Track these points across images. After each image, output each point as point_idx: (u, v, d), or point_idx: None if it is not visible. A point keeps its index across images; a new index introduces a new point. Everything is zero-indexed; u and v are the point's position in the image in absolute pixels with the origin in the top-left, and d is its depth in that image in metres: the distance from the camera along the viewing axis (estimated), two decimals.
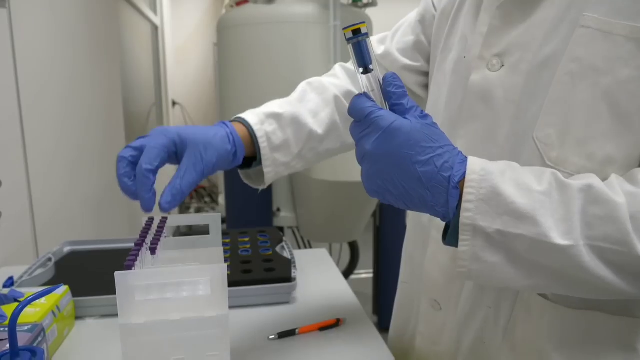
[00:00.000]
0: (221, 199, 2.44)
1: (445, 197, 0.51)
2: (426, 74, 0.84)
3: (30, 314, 0.71)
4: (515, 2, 0.61)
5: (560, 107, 0.57)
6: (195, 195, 4.70)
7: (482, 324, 0.67)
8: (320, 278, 1.04)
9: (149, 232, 0.63)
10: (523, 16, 0.60)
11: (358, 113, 0.53)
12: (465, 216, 0.51)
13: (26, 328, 0.66)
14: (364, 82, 0.55)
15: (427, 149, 0.51)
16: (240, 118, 0.76)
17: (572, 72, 0.56)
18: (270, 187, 2.14)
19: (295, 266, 0.99)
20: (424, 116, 0.53)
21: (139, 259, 0.55)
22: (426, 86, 0.84)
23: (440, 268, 0.71)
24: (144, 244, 0.58)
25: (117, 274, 0.48)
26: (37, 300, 0.76)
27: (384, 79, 0.55)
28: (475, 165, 0.52)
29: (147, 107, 3.79)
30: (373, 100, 0.54)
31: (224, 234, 1.17)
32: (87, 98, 1.84)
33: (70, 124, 1.64)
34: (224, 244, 1.10)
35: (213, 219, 0.72)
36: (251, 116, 0.76)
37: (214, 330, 0.52)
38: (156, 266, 0.58)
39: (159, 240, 0.60)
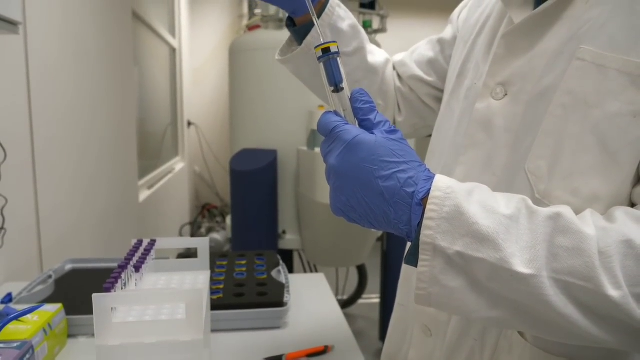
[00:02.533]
0: (229, 220, 2.46)
1: (408, 214, 0.50)
2: (437, 89, 0.87)
3: (21, 331, 0.73)
4: (520, 32, 0.61)
5: (552, 139, 0.56)
6: (208, 215, 4.74)
7: (468, 355, 0.66)
8: (315, 303, 1.04)
9: (136, 254, 0.65)
10: (528, 46, 0.60)
11: (324, 128, 0.53)
12: (425, 234, 0.48)
13: (15, 345, 0.67)
14: (336, 101, 0.55)
15: (390, 164, 0.50)
16: None
17: (565, 104, 0.55)
18: (276, 209, 2.16)
19: (288, 291, 0.99)
20: (392, 131, 0.52)
21: (120, 281, 0.56)
22: (437, 99, 0.87)
23: None
24: (128, 266, 0.59)
25: (94, 295, 0.50)
26: (30, 318, 0.78)
27: (351, 95, 0.54)
28: (441, 183, 0.50)
29: (163, 127, 3.87)
30: (341, 117, 0.54)
31: (222, 256, 1.18)
32: (101, 118, 1.88)
33: (82, 142, 1.68)
34: (221, 267, 1.11)
35: (201, 243, 0.73)
36: None
37: (188, 354, 0.52)
38: (138, 289, 0.59)
39: (143, 262, 0.61)
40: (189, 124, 4.60)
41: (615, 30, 0.54)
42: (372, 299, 3.40)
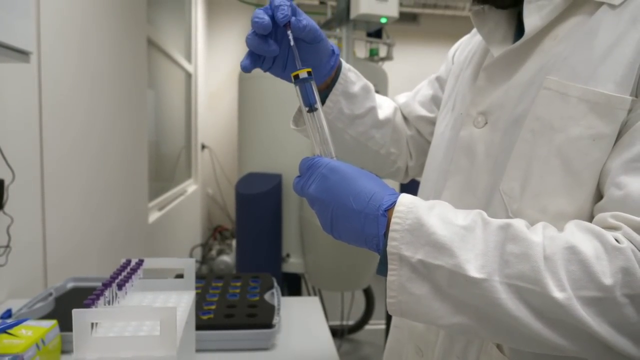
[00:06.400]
0: (234, 243, 2.49)
1: (376, 226, 0.55)
2: None
3: (14, 345, 0.76)
4: (498, 65, 0.67)
5: (523, 162, 0.61)
6: (219, 237, 4.78)
7: None
8: (305, 326, 1.06)
9: (122, 273, 0.68)
10: (505, 78, 0.66)
11: (302, 167, 0.62)
12: (391, 245, 0.54)
13: (6, 358, 0.70)
14: (311, 121, 0.64)
15: (359, 184, 0.57)
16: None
17: (533, 129, 0.60)
18: (280, 233, 2.18)
19: (278, 313, 1.01)
20: None
21: (103, 298, 0.59)
22: None
23: None
24: (112, 284, 0.62)
25: (74, 311, 0.53)
26: (24, 333, 0.81)
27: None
28: (405, 199, 0.56)
29: (178, 150, 3.95)
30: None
31: (219, 277, 1.21)
32: (112, 140, 1.94)
33: (92, 163, 1.74)
34: (216, 288, 1.13)
35: (187, 263, 0.76)
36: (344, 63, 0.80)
37: None
38: (120, 306, 0.62)
39: (127, 281, 0.64)
40: (203, 147, 4.68)
41: (577, 63, 0.59)
42: (379, 324, 3.37)
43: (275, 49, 0.65)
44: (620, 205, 0.53)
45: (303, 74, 0.64)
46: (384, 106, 0.88)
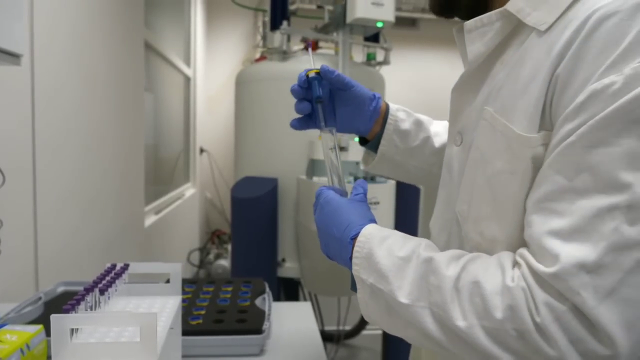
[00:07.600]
0: (230, 247, 2.48)
1: (347, 251, 0.66)
2: None
3: None
4: (463, 87, 0.70)
5: (469, 186, 0.64)
6: (217, 241, 4.76)
7: None
8: (297, 332, 1.05)
9: (106, 277, 0.67)
10: (471, 99, 0.68)
11: (315, 195, 0.75)
12: (354, 269, 0.64)
13: None
14: (320, 114, 0.79)
15: (342, 215, 0.69)
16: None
17: (474, 158, 0.63)
18: (275, 237, 2.17)
19: (269, 318, 1.00)
20: (357, 195, 0.73)
21: (84, 303, 0.58)
22: None
23: None
24: (94, 289, 0.61)
25: (52, 316, 0.52)
26: (9, 338, 0.80)
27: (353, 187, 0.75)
28: (366, 231, 0.65)
29: (176, 153, 3.94)
30: (328, 187, 0.76)
31: (210, 282, 1.20)
32: (107, 144, 1.94)
33: (87, 167, 1.73)
34: (206, 292, 1.12)
35: (173, 268, 0.75)
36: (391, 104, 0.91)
37: None
38: (102, 311, 0.61)
39: (109, 286, 0.64)
40: (201, 150, 4.68)
41: (506, 95, 0.60)
42: (376, 330, 3.35)
43: (306, 106, 0.80)
44: (528, 242, 0.55)
45: (312, 74, 0.79)
46: (441, 132, 0.93)
